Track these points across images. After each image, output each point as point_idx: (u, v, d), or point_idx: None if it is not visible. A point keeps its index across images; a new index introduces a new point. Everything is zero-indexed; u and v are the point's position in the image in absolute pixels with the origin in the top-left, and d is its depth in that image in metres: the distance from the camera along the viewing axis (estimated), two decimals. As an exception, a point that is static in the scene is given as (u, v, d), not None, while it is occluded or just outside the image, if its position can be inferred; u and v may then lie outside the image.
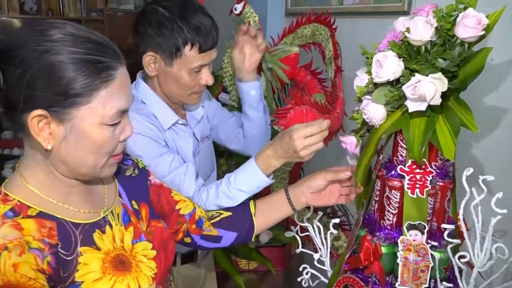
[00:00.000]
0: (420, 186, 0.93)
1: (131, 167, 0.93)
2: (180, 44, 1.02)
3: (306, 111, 1.11)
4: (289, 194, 1.04)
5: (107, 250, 0.76)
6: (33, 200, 0.72)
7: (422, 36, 0.85)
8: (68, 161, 0.72)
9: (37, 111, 0.66)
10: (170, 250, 0.89)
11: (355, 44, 1.42)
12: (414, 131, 0.90)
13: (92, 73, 0.68)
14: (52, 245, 0.69)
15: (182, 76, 1.06)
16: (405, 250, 0.94)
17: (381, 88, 0.94)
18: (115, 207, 0.83)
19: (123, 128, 0.76)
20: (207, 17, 1.04)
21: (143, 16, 1.05)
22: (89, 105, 0.68)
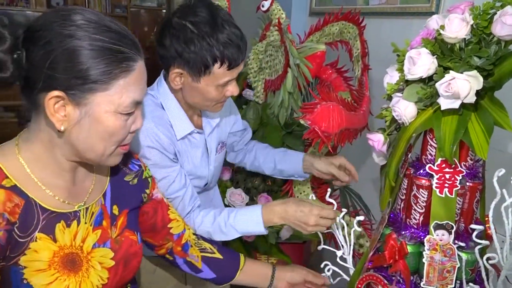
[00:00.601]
0: (449, 186, 0.92)
1: (133, 174, 0.92)
2: (209, 62, 1.00)
3: (333, 107, 1.10)
4: (274, 274, 1.09)
5: (63, 245, 0.75)
6: (14, 171, 0.72)
7: (458, 33, 0.84)
8: (77, 144, 0.73)
9: (56, 92, 0.68)
10: (133, 266, 0.87)
11: (380, 45, 1.41)
12: (445, 130, 0.89)
13: (113, 62, 0.69)
14: (9, 222, 0.68)
15: (208, 91, 1.05)
16: (431, 249, 0.93)
17: (412, 85, 0.93)
18: (93, 205, 0.82)
19: (135, 119, 0.77)
20: (236, 29, 1.02)
21: (169, 30, 1.01)
22: (106, 92, 0.70)
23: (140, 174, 0.94)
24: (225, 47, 0.99)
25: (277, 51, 1.49)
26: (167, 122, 1.11)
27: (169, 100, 1.11)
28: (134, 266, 0.87)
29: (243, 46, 1.03)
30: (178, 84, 1.07)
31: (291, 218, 1.07)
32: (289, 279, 1.10)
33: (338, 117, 1.10)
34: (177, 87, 1.07)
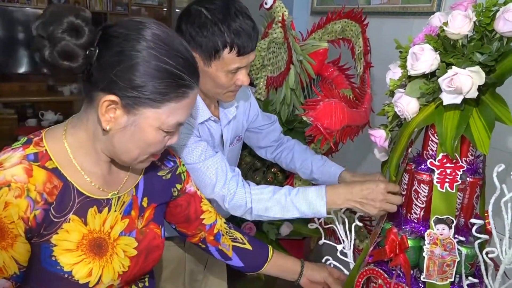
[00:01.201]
0: (450, 181, 0.93)
1: (167, 170, 0.96)
2: (219, 47, 1.03)
3: (335, 104, 1.11)
4: (302, 270, 1.12)
5: (93, 229, 0.80)
6: (58, 155, 0.76)
7: (461, 30, 0.85)
8: (116, 145, 0.77)
9: (112, 97, 0.72)
10: (153, 258, 0.90)
11: (381, 44, 1.43)
12: (447, 125, 0.90)
13: (172, 86, 0.73)
14: (47, 202, 0.73)
15: (218, 76, 1.08)
16: (432, 243, 0.94)
17: (415, 81, 0.94)
18: (125, 195, 0.86)
19: (173, 136, 0.82)
20: (249, 20, 1.06)
21: (186, 16, 1.06)
22: (156, 109, 0.74)
23: (174, 170, 0.98)
24: (236, 34, 1.02)
25: (280, 48, 1.50)
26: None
27: None
28: (154, 258, 0.90)
29: (254, 35, 1.06)
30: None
31: (357, 197, 1.04)
32: (309, 276, 1.12)
33: (340, 114, 1.10)
34: None
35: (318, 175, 1.33)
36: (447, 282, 0.95)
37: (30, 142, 0.76)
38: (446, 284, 0.95)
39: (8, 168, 0.71)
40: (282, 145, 1.43)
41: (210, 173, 1.08)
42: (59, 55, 0.69)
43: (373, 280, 1.02)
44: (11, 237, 0.71)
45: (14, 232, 0.71)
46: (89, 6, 4.88)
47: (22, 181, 0.71)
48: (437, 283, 0.95)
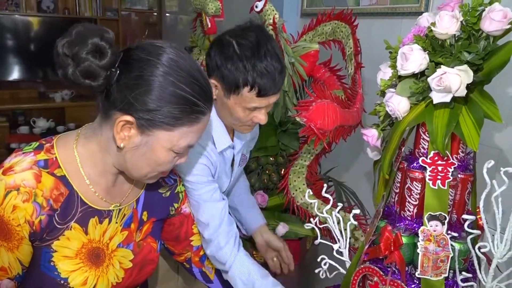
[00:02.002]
0: (441, 178, 0.94)
1: (167, 187, 1.00)
2: (240, 84, 1.03)
3: (328, 104, 1.12)
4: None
5: (93, 238, 0.82)
6: (67, 163, 0.79)
7: (448, 30, 0.87)
8: (128, 162, 0.80)
9: (129, 117, 0.75)
10: (146, 272, 0.93)
11: (370, 45, 1.44)
12: (437, 123, 0.91)
13: (186, 112, 0.76)
14: (52, 208, 0.76)
15: (236, 110, 1.08)
16: (426, 240, 0.96)
17: (405, 80, 0.95)
18: (126, 207, 0.89)
19: (182, 156, 0.84)
20: (277, 63, 1.04)
21: (218, 44, 1.06)
22: (169, 132, 0.77)
23: (174, 188, 1.01)
24: (259, 75, 1.01)
25: (271, 51, 1.51)
26: (210, 134, 1.13)
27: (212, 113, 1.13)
28: (148, 271, 0.93)
29: (280, 79, 1.05)
30: (213, 94, 1.09)
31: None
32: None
33: (333, 115, 1.12)
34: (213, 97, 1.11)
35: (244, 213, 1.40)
36: (441, 278, 0.96)
37: (41, 148, 0.78)
38: (440, 279, 0.96)
39: (19, 172, 0.73)
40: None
41: (207, 215, 1.08)
42: (82, 74, 0.71)
43: (369, 278, 1.03)
44: (17, 239, 0.73)
45: (20, 235, 0.73)
46: (79, 12, 4.85)
47: (31, 186, 0.73)
48: (432, 278, 0.96)
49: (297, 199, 1.44)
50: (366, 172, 1.78)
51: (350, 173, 1.88)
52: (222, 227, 1.08)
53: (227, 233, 1.09)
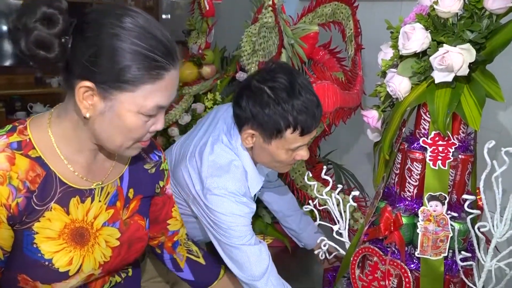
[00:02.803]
0: (442, 158, 0.94)
1: (152, 163, 0.96)
2: (282, 127, 1.01)
3: (328, 86, 1.12)
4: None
5: (75, 218, 0.80)
6: (41, 144, 0.77)
7: (451, 8, 0.86)
8: (98, 133, 0.77)
9: (87, 83, 0.72)
10: (136, 250, 0.91)
11: (369, 27, 1.43)
12: (439, 103, 0.91)
13: (145, 67, 0.72)
14: (29, 190, 0.74)
15: (278, 154, 1.06)
16: (425, 220, 0.96)
17: (407, 60, 0.95)
18: (109, 185, 0.86)
19: (156, 121, 0.80)
20: (313, 96, 1.02)
21: (247, 92, 1.03)
22: (132, 93, 0.73)
23: (159, 165, 0.97)
24: (300, 113, 0.99)
25: (271, 33, 1.49)
26: (246, 178, 1.11)
27: (245, 157, 1.11)
28: (137, 249, 0.91)
29: (318, 114, 1.03)
30: (249, 143, 1.08)
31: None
32: None
33: (333, 96, 1.11)
34: (248, 145, 1.09)
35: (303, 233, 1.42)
36: (440, 257, 0.97)
37: (14, 130, 0.77)
38: (439, 259, 0.97)
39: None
40: (275, 186, 1.44)
41: (252, 258, 1.04)
42: (34, 44, 0.69)
43: (369, 258, 1.04)
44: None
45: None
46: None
47: (4, 169, 0.72)
48: (431, 258, 0.97)
49: (297, 181, 1.44)
50: (365, 155, 1.78)
51: (349, 156, 1.88)
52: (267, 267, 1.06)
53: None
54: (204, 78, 2.39)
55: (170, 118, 2.28)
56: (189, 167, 1.07)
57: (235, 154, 1.09)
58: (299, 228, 1.40)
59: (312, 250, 1.41)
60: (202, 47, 2.38)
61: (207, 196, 1.03)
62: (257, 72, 1.07)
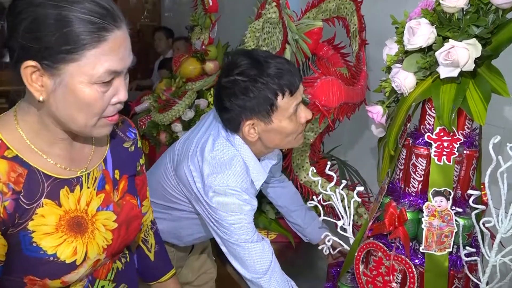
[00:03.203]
0: (447, 153, 0.95)
1: (130, 141, 0.95)
2: (272, 98, 1.02)
3: (333, 81, 1.12)
4: None
5: (68, 209, 0.78)
6: (15, 143, 0.74)
7: (456, 3, 0.86)
8: (58, 115, 0.74)
9: (30, 62, 0.68)
10: (134, 228, 0.90)
11: (374, 23, 1.43)
12: (444, 98, 0.91)
13: (84, 32, 0.68)
14: (14, 191, 0.71)
15: (284, 126, 1.06)
16: (430, 215, 0.97)
17: (412, 55, 0.95)
18: (94, 170, 0.84)
19: (117, 90, 0.75)
20: (280, 59, 1.04)
21: (223, 92, 1.05)
22: (77, 62, 0.69)
23: (136, 143, 0.96)
24: (278, 77, 1.01)
25: (275, 28, 1.49)
26: (249, 174, 1.11)
27: (245, 151, 1.11)
28: (135, 227, 0.91)
29: (293, 68, 1.05)
30: (254, 136, 1.08)
31: None
32: None
33: (337, 91, 1.12)
34: (254, 138, 1.08)
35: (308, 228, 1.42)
36: (445, 253, 0.97)
37: None
38: (444, 254, 0.97)
39: None
40: (280, 182, 1.44)
41: (255, 255, 1.05)
42: None
43: (373, 253, 1.04)
44: None
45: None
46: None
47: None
48: (436, 253, 0.97)
49: (300, 177, 1.45)
50: (369, 151, 1.78)
51: (353, 152, 1.88)
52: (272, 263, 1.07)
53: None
54: (207, 74, 2.40)
55: (174, 114, 2.29)
56: (191, 164, 1.08)
57: (236, 149, 1.09)
58: (304, 223, 1.40)
59: (316, 245, 1.42)
60: (206, 43, 2.38)
61: (209, 194, 1.04)
62: (221, 71, 1.08)
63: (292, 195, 1.43)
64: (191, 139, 1.14)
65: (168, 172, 1.16)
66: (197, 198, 1.08)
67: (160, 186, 1.19)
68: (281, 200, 1.42)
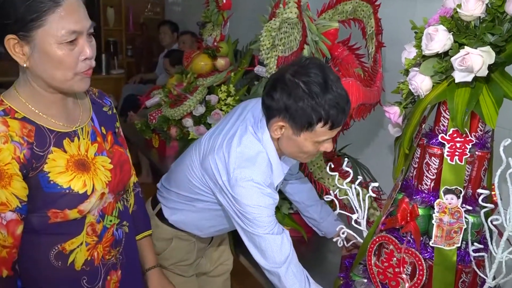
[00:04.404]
0: (459, 154, 1.03)
1: (107, 106, 1.15)
2: (314, 121, 1.08)
3: (352, 83, 1.20)
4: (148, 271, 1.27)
5: (72, 154, 0.98)
6: (20, 108, 0.92)
7: (473, 12, 0.94)
8: (40, 75, 0.91)
9: (9, 36, 0.87)
10: (126, 170, 1.09)
11: (385, 25, 1.51)
12: (458, 101, 0.99)
13: (38, 2, 0.86)
14: (29, 143, 0.91)
15: (306, 145, 1.13)
16: (441, 212, 1.05)
17: (429, 60, 1.03)
18: (86, 126, 1.03)
19: (82, 48, 0.91)
20: (343, 92, 1.09)
21: (281, 85, 1.10)
22: (42, 28, 0.86)
23: (112, 108, 1.16)
24: (331, 108, 1.07)
25: (293, 28, 1.57)
26: (271, 168, 1.18)
27: (271, 149, 1.18)
28: (127, 169, 1.10)
29: (348, 109, 1.11)
30: (277, 134, 1.15)
31: None
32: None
33: (356, 93, 1.20)
34: (276, 136, 1.16)
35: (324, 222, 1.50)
36: (453, 248, 1.05)
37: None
38: (453, 249, 1.06)
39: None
40: (297, 178, 1.52)
41: (275, 247, 1.12)
42: None
43: (385, 246, 1.13)
44: (7, 177, 0.88)
45: (10, 172, 0.88)
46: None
47: (3, 131, 0.88)
48: (445, 248, 1.05)
49: (315, 174, 1.53)
50: (378, 149, 1.86)
51: (362, 151, 1.96)
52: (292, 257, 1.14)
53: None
54: (218, 70, 2.48)
55: (185, 109, 2.37)
56: (217, 158, 1.15)
57: (262, 146, 1.17)
58: (320, 217, 1.48)
59: (326, 240, 1.50)
60: (217, 40, 2.46)
61: (234, 187, 1.12)
62: (290, 66, 1.14)
63: (309, 190, 1.50)
64: (218, 134, 1.22)
65: (194, 165, 1.24)
66: (221, 190, 1.16)
67: (186, 178, 1.27)
68: (298, 195, 1.50)
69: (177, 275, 1.40)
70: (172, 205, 1.34)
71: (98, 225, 1.02)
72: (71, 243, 0.98)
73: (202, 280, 1.54)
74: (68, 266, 0.99)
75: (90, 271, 1.02)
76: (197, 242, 1.41)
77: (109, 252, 1.05)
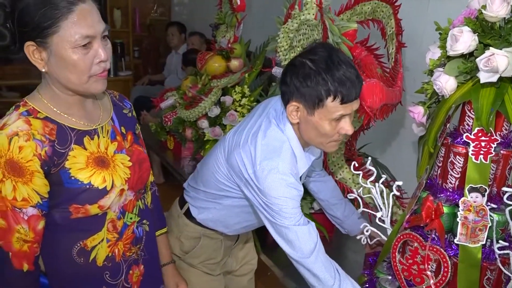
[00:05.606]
0: (484, 153, 1.07)
1: (127, 109, 1.21)
2: (323, 96, 1.11)
3: (376, 83, 1.24)
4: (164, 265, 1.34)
5: (92, 151, 1.04)
6: (43, 108, 1.00)
7: (498, 13, 0.99)
8: (58, 79, 0.98)
9: (28, 43, 0.94)
10: (145, 168, 1.16)
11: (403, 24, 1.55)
12: (483, 101, 1.04)
13: (52, 10, 0.92)
14: (50, 140, 0.97)
15: (322, 125, 1.16)
16: (466, 210, 1.09)
17: (454, 60, 1.07)
18: (106, 125, 1.09)
19: (96, 52, 0.97)
20: (352, 69, 1.12)
21: (291, 68, 1.15)
22: (57, 34, 0.93)
23: (132, 111, 1.23)
24: (340, 83, 1.10)
25: (313, 30, 1.61)
26: (295, 160, 1.22)
27: (294, 140, 1.23)
28: (146, 167, 1.16)
29: (358, 83, 1.14)
30: (295, 118, 1.19)
31: None
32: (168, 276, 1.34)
33: (380, 93, 1.24)
34: (294, 121, 1.20)
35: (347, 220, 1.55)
36: (478, 245, 1.09)
37: (18, 106, 1.00)
38: (477, 246, 1.10)
39: (12, 123, 0.95)
40: (321, 176, 1.56)
41: (301, 237, 1.16)
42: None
43: (409, 244, 1.17)
44: (29, 173, 0.94)
45: (31, 169, 0.94)
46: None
47: (26, 129, 0.94)
48: (469, 245, 1.09)
49: (336, 174, 1.57)
50: (396, 149, 1.90)
51: (381, 150, 2.00)
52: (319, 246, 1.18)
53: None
54: (232, 72, 2.53)
55: (200, 111, 2.42)
56: (242, 152, 1.20)
57: (286, 137, 1.22)
58: (344, 215, 1.53)
59: (348, 239, 1.54)
60: (231, 41, 2.51)
61: (259, 179, 1.16)
62: (302, 51, 1.20)
63: (333, 189, 1.55)
64: (241, 130, 1.27)
65: (220, 163, 1.29)
66: (247, 183, 1.20)
67: (212, 176, 1.32)
68: (322, 193, 1.54)
69: (205, 274, 1.45)
70: (199, 204, 1.39)
71: (119, 222, 1.08)
72: (92, 239, 1.04)
73: (228, 279, 1.59)
74: (90, 262, 1.05)
75: (112, 267, 1.09)
76: (224, 240, 1.46)
77: (129, 249, 1.12)
